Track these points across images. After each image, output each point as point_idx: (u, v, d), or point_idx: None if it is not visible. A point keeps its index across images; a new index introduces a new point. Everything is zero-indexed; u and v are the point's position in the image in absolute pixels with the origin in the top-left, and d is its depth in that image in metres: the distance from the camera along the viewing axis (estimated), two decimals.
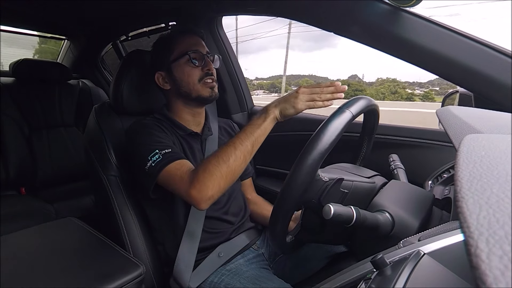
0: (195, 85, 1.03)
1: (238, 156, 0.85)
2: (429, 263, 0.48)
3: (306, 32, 33.85)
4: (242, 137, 0.87)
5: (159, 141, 0.94)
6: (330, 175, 0.73)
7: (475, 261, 0.15)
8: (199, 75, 1.03)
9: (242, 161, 0.85)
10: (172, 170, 0.89)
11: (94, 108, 1.16)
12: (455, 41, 0.79)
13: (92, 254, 0.91)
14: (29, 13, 1.79)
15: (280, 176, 1.53)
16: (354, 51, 54.23)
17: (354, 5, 0.90)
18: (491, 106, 0.74)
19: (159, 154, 0.90)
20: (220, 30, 1.58)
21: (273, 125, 0.89)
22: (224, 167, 0.83)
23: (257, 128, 0.87)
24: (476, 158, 0.26)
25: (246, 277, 0.94)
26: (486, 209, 0.18)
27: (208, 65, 1.04)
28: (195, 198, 0.83)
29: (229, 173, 0.84)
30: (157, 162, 0.89)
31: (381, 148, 1.16)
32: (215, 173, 0.83)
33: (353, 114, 0.71)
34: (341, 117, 0.69)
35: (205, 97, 1.04)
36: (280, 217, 0.70)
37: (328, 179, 0.72)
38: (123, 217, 1.04)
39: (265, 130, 0.88)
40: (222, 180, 0.83)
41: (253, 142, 0.86)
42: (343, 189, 0.72)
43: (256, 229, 1.15)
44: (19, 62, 1.99)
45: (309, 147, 0.66)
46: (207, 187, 0.82)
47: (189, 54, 1.02)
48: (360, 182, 0.76)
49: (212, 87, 1.04)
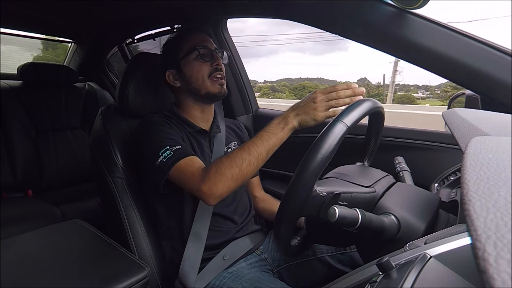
0: (205, 80, 1.04)
1: (252, 161, 0.85)
2: (435, 267, 0.48)
3: (317, 34, 33.58)
4: (257, 143, 0.87)
5: (170, 138, 0.95)
6: (328, 188, 0.72)
7: (482, 264, 0.15)
8: (208, 71, 1.04)
9: (254, 167, 0.86)
10: (183, 166, 0.90)
11: (100, 111, 1.17)
12: (461, 43, 0.78)
13: (97, 256, 0.92)
14: (35, 16, 1.81)
15: (285, 178, 1.53)
16: (365, 54, 53.57)
17: (359, 7, 0.90)
18: (498, 108, 0.73)
19: (170, 150, 0.91)
20: (225, 32, 1.59)
21: (290, 134, 0.89)
22: (237, 170, 0.84)
23: (274, 136, 0.87)
24: (483, 161, 0.26)
25: (248, 279, 0.94)
26: (494, 212, 0.18)
27: (217, 60, 1.05)
28: (205, 193, 0.85)
29: (240, 176, 0.85)
30: (168, 158, 0.90)
31: (387, 150, 1.15)
32: (226, 174, 0.84)
33: (348, 126, 0.68)
34: (335, 131, 0.67)
35: (214, 93, 1.05)
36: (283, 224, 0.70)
37: (325, 194, 0.71)
38: (128, 219, 1.04)
39: (281, 139, 0.88)
40: (233, 181, 0.85)
41: (268, 150, 0.86)
42: (341, 202, 0.71)
43: (261, 232, 1.15)
44: (26, 65, 2.01)
45: (303, 165, 0.65)
46: (217, 186, 0.84)
47: (198, 50, 1.03)
48: (359, 193, 0.75)
49: (221, 84, 1.06)
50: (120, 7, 1.57)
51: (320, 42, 42.53)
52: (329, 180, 0.81)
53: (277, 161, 0.88)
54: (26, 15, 1.76)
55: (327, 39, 31.41)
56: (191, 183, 0.88)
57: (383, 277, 0.51)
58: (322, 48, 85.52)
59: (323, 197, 0.70)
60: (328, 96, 0.85)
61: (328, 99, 0.85)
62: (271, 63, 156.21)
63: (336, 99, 0.85)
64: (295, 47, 58.27)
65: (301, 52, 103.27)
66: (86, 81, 2.35)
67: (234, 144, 1.18)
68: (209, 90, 1.04)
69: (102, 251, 0.94)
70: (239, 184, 0.86)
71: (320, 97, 0.85)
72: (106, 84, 2.43)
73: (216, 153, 1.08)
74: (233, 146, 1.16)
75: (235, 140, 1.20)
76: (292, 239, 0.85)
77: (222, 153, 1.09)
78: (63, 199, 1.85)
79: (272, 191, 1.49)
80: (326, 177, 0.83)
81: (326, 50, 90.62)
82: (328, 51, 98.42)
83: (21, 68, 2.00)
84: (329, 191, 0.71)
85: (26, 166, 1.91)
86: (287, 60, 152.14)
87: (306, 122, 0.86)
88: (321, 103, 0.85)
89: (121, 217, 1.04)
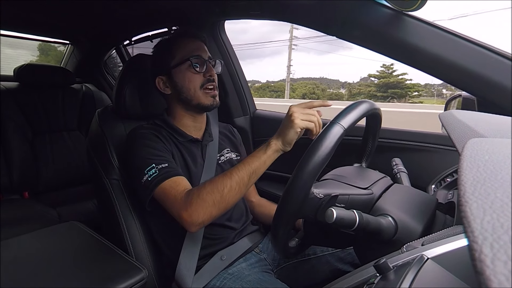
0: (197, 91, 1.02)
1: (233, 187, 0.85)
2: (432, 268, 0.48)
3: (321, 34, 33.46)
4: (240, 167, 0.87)
5: (156, 154, 0.94)
6: (325, 190, 0.72)
7: (479, 266, 0.15)
8: (201, 82, 1.02)
9: (236, 192, 0.85)
10: (167, 188, 0.89)
11: (97, 112, 1.16)
12: (457, 45, 0.78)
13: (94, 258, 0.92)
14: (32, 17, 1.80)
15: (282, 180, 1.53)
16: (369, 53, 54.41)
17: (356, 9, 0.90)
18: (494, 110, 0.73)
19: (156, 169, 0.91)
20: (222, 34, 1.59)
21: (275, 157, 0.88)
22: (218, 196, 0.84)
23: (257, 160, 0.87)
24: (479, 162, 0.26)
25: (248, 281, 0.94)
26: (490, 214, 0.18)
27: (210, 71, 1.03)
28: (186, 220, 0.84)
29: (222, 202, 0.84)
30: (153, 177, 0.90)
31: (384, 152, 1.16)
32: (207, 201, 0.83)
33: (345, 128, 0.69)
34: (332, 133, 0.67)
35: (206, 105, 1.04)
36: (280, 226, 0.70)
37: (322, 196, 0.71)
38: (125, 221, 1.04)
39: (264, 162, 0.87)
40: (215, 208, 0.84)
41: (250, 174, 0.86)
42: (338, 204, 0.71)
43: (259, 231, 1.15)
44: (22, 66, 2.00)
45: (300, 167, 0.65)
46: (198, 213, 0.83)
47: (191, 60, 1.01)
48: (356, 195, 0.75)
49: (214, 96, 1.04)
50: (118, 8, 1.57)
51: (325, 41, 42.36)
52: (326, 182, 0.81)
53: (274, 163, 0.88)
54: (23, 16, 1.76)
55: (330, 39, 31.39)
56: (173, 207, 0.88)
57: (381, 279, 0.51)
58: (326, 48, 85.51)
59: (320, 199, 0.70)
60: (302, 106, 0.86)
61: (304, 108, 0.85)
62: (274, 63, 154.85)
63: (310, 108, 0.86)
64: (299, 47, 58.94)
65: (306, 52, 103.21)
66: (83, 83, 2.34)
67: (227, 150, 1.17)
68: (201, 102, 1.03)
69: (99, 253, 0.93)
70: (221, 210, 0.86)
71: (295, 108, 0.84)
72: (103, 85, 2.43)
73: (208, 162, 1.07)
74: (226, 153, 1.15)
75: (228, 147, 1.19)
76: (290, 241, 0.85)
77: (214, 161, 1.08)
78: (59, 201, 1.84)
79: (269, 193, 1.49)
80: (323, 179, 0.83)
81: (330, 49, 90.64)
82: (332, 50, 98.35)
83: (18, 69, 1.99)
84: (326, 193, 0.71)
85: (23, 168, 1.89)
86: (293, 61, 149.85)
87: (286, 135, 0.84)
88: (297, 113, 0.83)
89: (118, 219, 1.04)
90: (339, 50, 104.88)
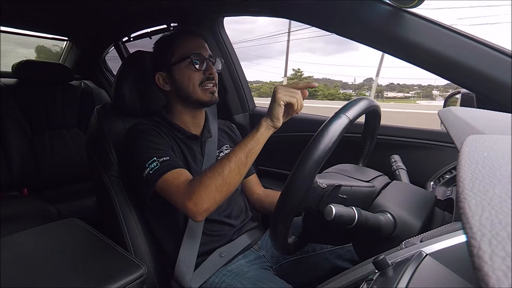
0: (195, 88, 1.02)
1: (233, 168, 0.87)
2: (431, 264, 0.48)
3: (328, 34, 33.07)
4: (236, 149, 0.89)
5: (157, 148, 0.94)
6: (328, 181, 0.72)
7: (477, 262, 0.15)
8: (200, 79, 1.02)
9: (236, 173, 0.87)
10: (170, 179, 0.89)
11: (96, 109, 1.16)
12: (456, 41, 0.78)
13: (94, 255, 0.92)
14: (31, 14, 1.79)
15: (282, 177, 1.53)
16: (376, 53, 53.66)
17: (356, 6, 0.90)
18: (493, 107, 0.74)
19: (157, 162, 0.91)
20: (221, 31, 1.58)
21: (269, 134, 0.91)
22: (220, 179, 0.85)
23: (251, 139, 0.89)
24: (478, 159, 0.26)
25: (247, 277, 0.94)
26: (489, 210, 0.18)
27: (210, 69, 1.03)
28: (191, 210, 0.85)
29: (224, 185, 0.86)
30: (155, 170, 0.90)
31: (383, 149, 1.15)
32: (210, 186, 0.85)
33: (350, 119, 0.70)
34: (338, 123, 0.68)
35: (204, 101, 1.04)
36: (280, 221, 0.70)
37: (326, 186, 0.71)
38: (124, 218, 1.04)
39: (258, 140, 0.90)
40: (218, 193, 0.85)
41: (247, 153, 0.88)
42: (341, 194, 0.72)
43: (258, 228, 1.16)
44: (21, 63, 1.99)
45: (305, 155, 0.65)
46: (203, 200, 0.84)
47: (191, 58, 1.01)
48: (359, 187, 0.76)
49: (212, 92, 1.04)
50: (117, 5, 1.56)
51: (332, 42, 42.59)
52: (329, 173, 0.82)
53: (274, 159, 0.88)
54: (22, 12, 1.75)
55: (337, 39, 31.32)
56: (176, 197, 0.88)
57: (379, 275, 0.51)
58: (333, 48, 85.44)
59: (323, 189, 0.71)
60: (288, 86, 0.90)
61: (289, 88, 0.90)
62: (280, 63, 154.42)
63: (294, 87, 0.90)
64: (306, 48, 57.96)
65: (312, 53, 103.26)
66: (82, 80, 2.34)
67: (227, 147, 1.17)
68: (199, 98, 1.03)
69: (98, 250, 0.94)
70: (224, 194, 0.87)
71: (280, 87, 0.90)
72: (102, 82, 2.42)
73: (208, 158, 1.07)
74: (225, 150, 1.15)
75: (228, 143, 1.19)
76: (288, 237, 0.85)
77: (214, 157, 1.09)
78: (59, 198, 1.84)
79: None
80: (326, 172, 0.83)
81: (337, 50, 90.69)
82: (339, 51, 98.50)
83: (16, 65, 1.99)
84: (330, 183, 0.72)
85: (22, 165, 1.90)
86: (299, 59, 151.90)
87: (274, 111, 0.88)
88: (281, 90, 0.88)
89: (117, 216, 1.04)
90: (346, 51, 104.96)
